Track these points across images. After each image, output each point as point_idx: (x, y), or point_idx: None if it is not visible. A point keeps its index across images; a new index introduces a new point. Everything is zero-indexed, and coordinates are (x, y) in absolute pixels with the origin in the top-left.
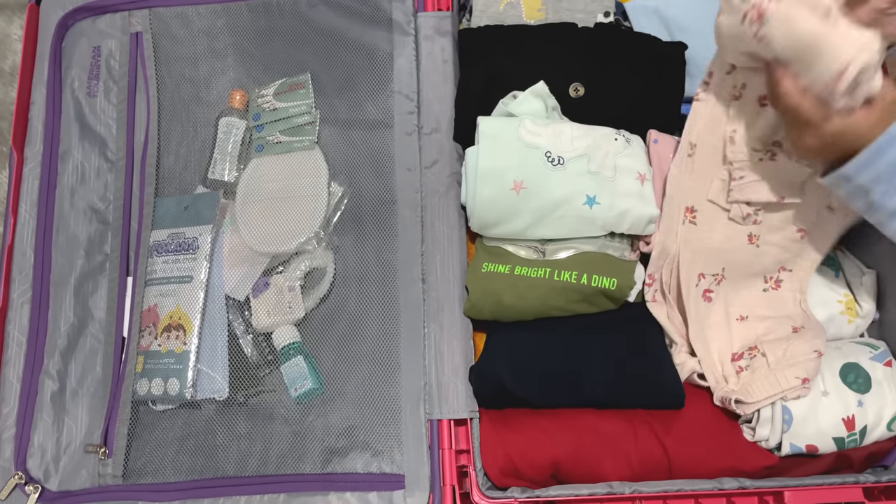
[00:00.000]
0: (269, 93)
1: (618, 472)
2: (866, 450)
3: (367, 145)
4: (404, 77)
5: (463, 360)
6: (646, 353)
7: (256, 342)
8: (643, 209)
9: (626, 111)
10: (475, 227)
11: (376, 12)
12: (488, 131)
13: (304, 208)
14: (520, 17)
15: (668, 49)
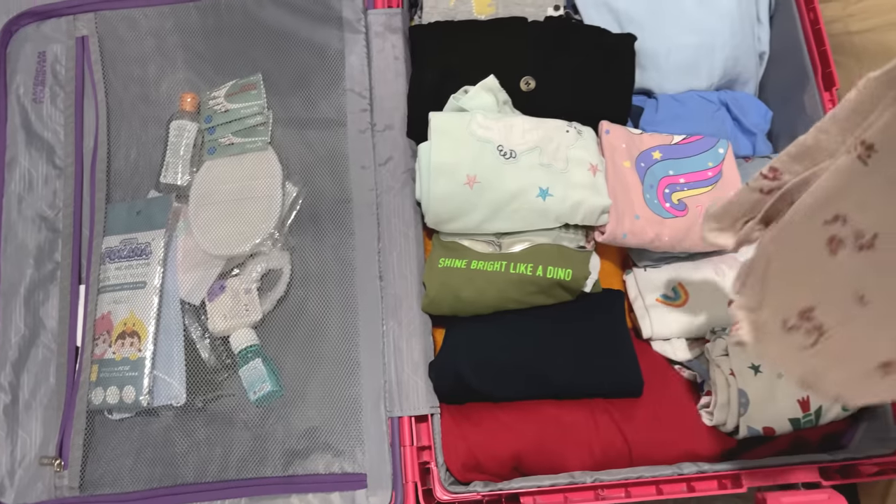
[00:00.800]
0: (221, 94)
1: (580, 461)
2: (822, 430)
3: (321, 144)
4: (356, 75)
5: (422, 356)
6: (604, 343)
7: (214, 346)
8: (596, 200)
9: (577, 103)
10: (431, 222)
11: (326, 10)
12: (440, 127)
13: (259, 210)
14: (470, 12)
15: (617, 41)
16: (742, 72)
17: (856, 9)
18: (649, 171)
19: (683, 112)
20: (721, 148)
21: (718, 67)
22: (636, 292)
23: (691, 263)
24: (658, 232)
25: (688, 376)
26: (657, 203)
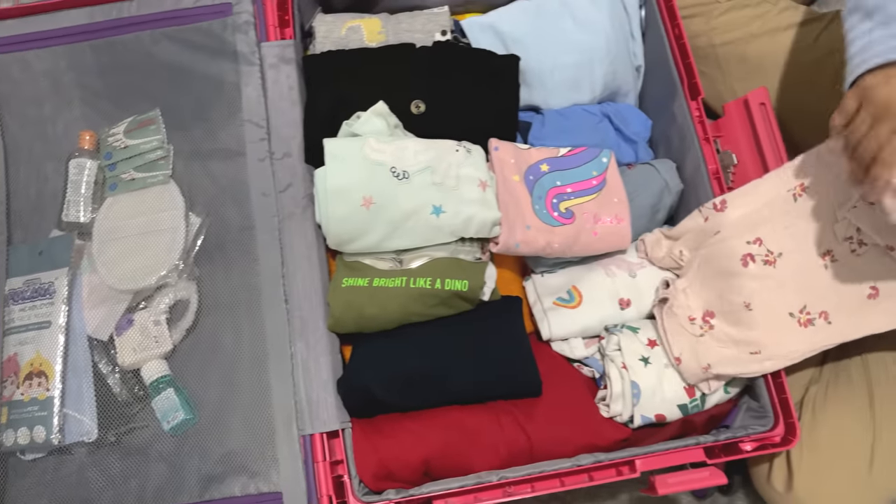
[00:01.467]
0: (120, 131)
1: (486, 462)
2: (708, 413)
3: (223, 174)
4: (253, 105)
5: (331, 374)
6: (503, 347)
7: (125, 380)
8: (486, 214)
9: (466, 123)
10: (332, 244)
11: (221, 44)
12: (334, 152)
13: (163, 242)
14: (361, 40)
15: (503, 61)
16: (621, 85)
17: (717, 23)
18: (538, 184)
19: (568, 125)
20: (604, 157)
21: (599, 82)
22: (535, 297)
23: (584, 267)
24: (549, 240)
25: (586, 373)
26: (546, 213)
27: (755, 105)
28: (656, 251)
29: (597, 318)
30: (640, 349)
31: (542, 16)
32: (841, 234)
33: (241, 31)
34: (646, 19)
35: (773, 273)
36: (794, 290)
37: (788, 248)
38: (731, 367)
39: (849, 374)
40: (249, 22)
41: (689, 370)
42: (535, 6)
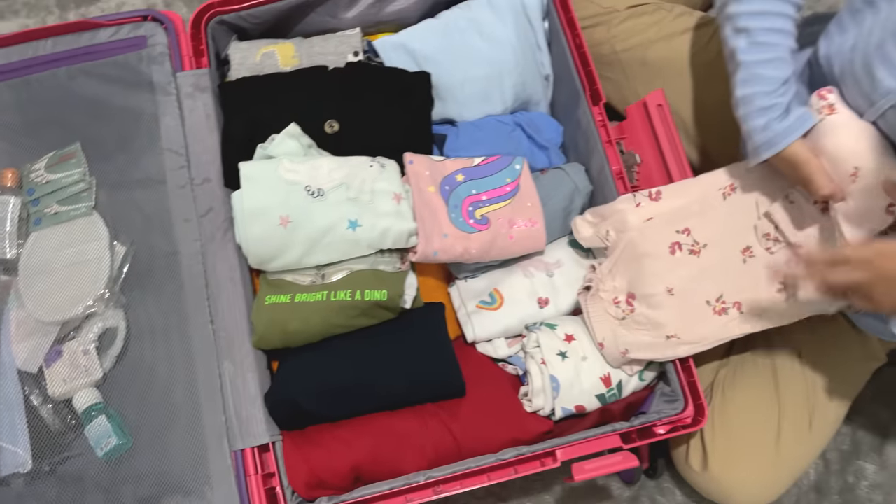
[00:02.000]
0: (41, 166)
1: (415, 464)
2: (626, 401)
3: (145, 202)
4: (172, 134)
5: (259, 390)
6: (426, 352)
7: (57, 410)
8: (402, 225)
9: (380, 139)
10: (254, 263)
11: (137, 76)
12: (249, 174)
13: (89, 272)
14: (276, 65)
15: (414, 78)
16: (532, 94)
17: (617, 31)
18: (454, 193)
19: (482, 136)
20: (517, 164)
21: (509, 93)
22: (459, 301)
23: (503, 270)
24: (466, 246)
25: (511, 371)
26: (462, 220)
27: (653, 107)
28: (583, 231)
29: (517, 318)
30: (558, 344)
31: (451, 33)
32: (760, 231)
33: (157, 62)
34: (550, 31)
35: (697, 262)
36: (713, 280)
37: (713, 240)
38: (647, 352)
39: (755, 359)
40: (164, 53)
41: (611, 354)
42: (443, 24)
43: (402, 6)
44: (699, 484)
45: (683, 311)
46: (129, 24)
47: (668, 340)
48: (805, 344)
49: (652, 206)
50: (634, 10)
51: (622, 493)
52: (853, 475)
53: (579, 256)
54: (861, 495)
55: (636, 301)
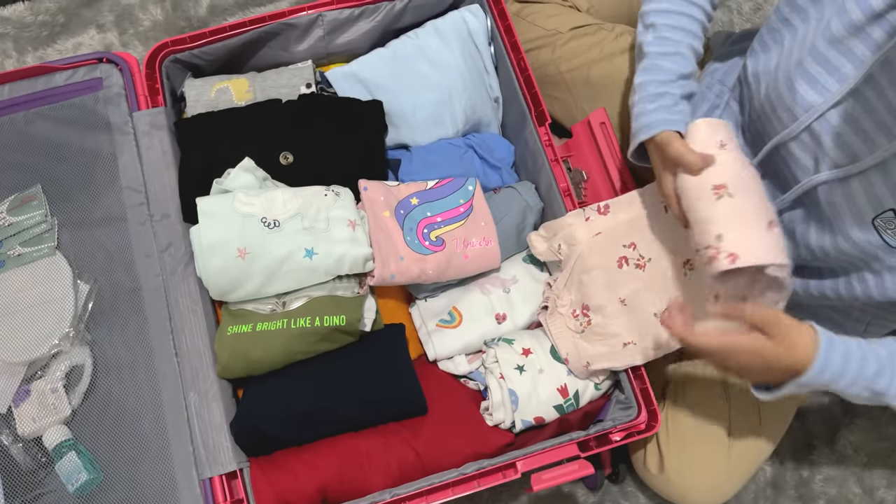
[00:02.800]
0: (3, 209)
1: (381, 482)
2: (583, 410)
3: (107, 239)
4: (130, 172)
5: (224, 418)
6: (387, 373)
7: (27, 449)
8: (357, 251)
9: (334, 168)
10: (215, 295)
11: (93, 118)
12: (206, 209)
13: (53, 312)
14: (231, 100)
15: (367, 107)
16: (482, 116)
17: (562, 52)
18: (408, 216)
19: (435, 159)
20: (470, 185)
21: (459, 116)
22: (420, 321)
23: (461, 288)
24: (422, 268)
25: (472, 386)
26: (417, 243)
27: (596, 124)
28: (537, 246)
29: (476, 335)
30: (515, 358)
31: (399, 61)
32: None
33: (113, 102)
34: (496, 54)
35: (642, 276)
36: (658, 292)
37: (657, 254)
38: (607, 362)
39: (704, 366)
40: (120, 94)
41: (576, 368)
42: (392, 52)
43: (351, 37)
44: (657, 486)
45: (636, 320)
46: (84, 67)
47: (626, 348)
48: None
49: (601, 220)
50: (577, 31)
51: (587, 499)
52: (808, 469)
53: (534, 271)
54: (816, 488)
55: (591, 312)
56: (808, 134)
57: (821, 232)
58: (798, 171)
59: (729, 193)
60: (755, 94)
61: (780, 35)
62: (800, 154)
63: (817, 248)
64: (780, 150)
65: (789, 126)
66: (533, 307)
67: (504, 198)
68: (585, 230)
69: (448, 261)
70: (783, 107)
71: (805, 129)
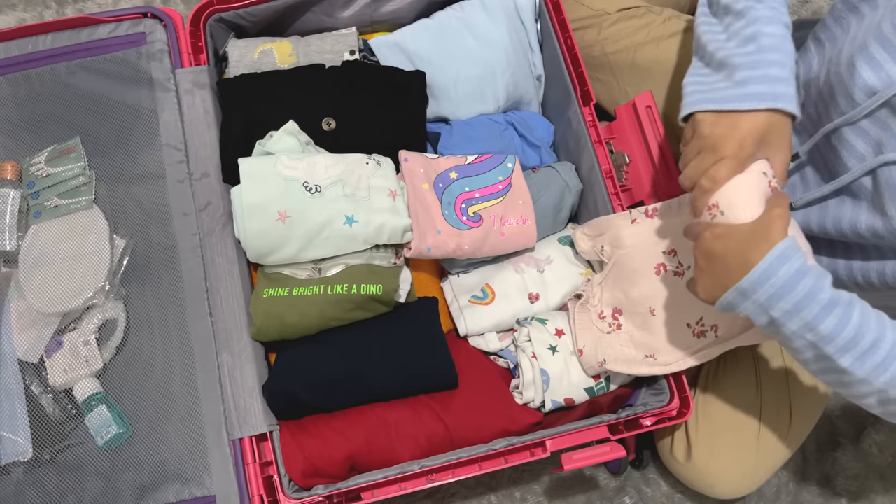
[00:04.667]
0: (41, 160)
1: (409, 453)
2: (613, 394)
3: (145, 196)
4: (170, 129)
5: (257, 381)
6: (420, 345)
7: (57, 399)
8: (397, 221)
9: (375, 137)
10: (252, 257)
11: (136, 73)
12: (248, 170)
13: (89, 265)
14: (273, 63)
15: (409, 77)
16: (524, 94)
17: (608, 33)
18: (447, 190)
19: (475, 134)
20: (509, 163)
21: (501, 92)
22: (452, 296)
23: (495, 266)
24: (458, 243)
25: (502, 364)
26: (455, 217)
27: (642, 108)
28: (582, 244)
29: (509, 313)
30: (549, 339)
31: (444, 33)
32: None
33: (156, 59)
34: (542, 32)
35: (680, 284)
36: (694, 302)
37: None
38: (624, 367)
39: (738, 355)
40: (164, 50)
41: (588, 362)
42: (437, 24)
43: (397, 6)
44: (682, 474)
45: (665, 331)
46: (128, 21)
47: (645, 359)
48: None
49: (647, 223)
50: (624, 13)
51: (609, 483)
52: (831, 465)
53: (569, 254)
54: (838, 484)
55: (622, 317)
56: (871, 121)
57: (872, 214)
58: (851, 158)
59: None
60: (814, 81)
61: (846, 22)
62: (855, 141)
63: (867, 231)
64: (832, 137)
65: (847, 112)
66: (566, 289)
67: (543, 177)
68: (631, 233)
69: (484, 237)
70: (843, 92)
71: (867, 116)
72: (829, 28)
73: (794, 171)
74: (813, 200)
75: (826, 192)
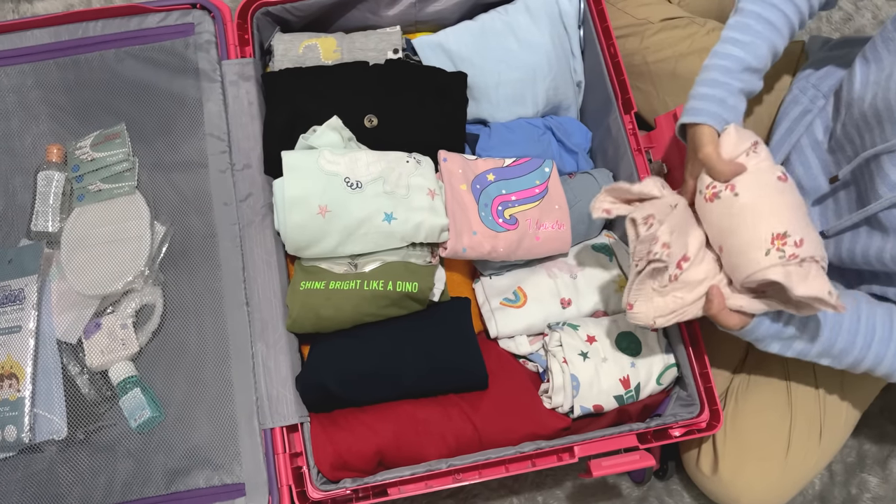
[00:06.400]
0: (87, 144)
1: (437, 451)
2: (642, 403)
3: (186, 185)
4: (214, 120)
5: (290, 371)
6: (452, 344)
7: (93, 381)
8: (435, 220)
9: (416, 136)
10: (290, 250)
11: (183, 62)
12: (291, 163)
13: (129, 250)
14: (318, 58)
15: (451, 78)
16: (563, 99)
17: (650, 42)
18: (484, 192)
19: (513, 137)
20: (547, 167)
21: (541, 97)
22: (483, 298)
23: (528, 269)
24: (493, 245)
25: (531, 368)
26: (491, 219)
27: None
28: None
29: (540, 317)
30: (580, 345)
31: (487, 35)
32: None
33: (203, 49)
34: (584, 38)
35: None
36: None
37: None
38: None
39: (769, 369)
40: (211, 41)
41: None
42: (480, 26)
43: (441, 7)
44: (708, 487)
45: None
46: (177, 11)
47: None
48: None
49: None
50: (668, 22)
51: (631, 492)
52: (857, 487)
53: (603, 260)
54: None
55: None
56: None
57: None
58: (883, 186)
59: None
60: (858, 102)
61: (894, 45)
62: (890, 170)
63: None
64: (871, 163)
65: (891, 140)
66: (599, 296)
67: (579, 183)
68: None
69: (520, 240)
70: (890, 119)
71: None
72: (877, 49)
73: (830, 194)
74: (843, 229)
75: (856, 221)
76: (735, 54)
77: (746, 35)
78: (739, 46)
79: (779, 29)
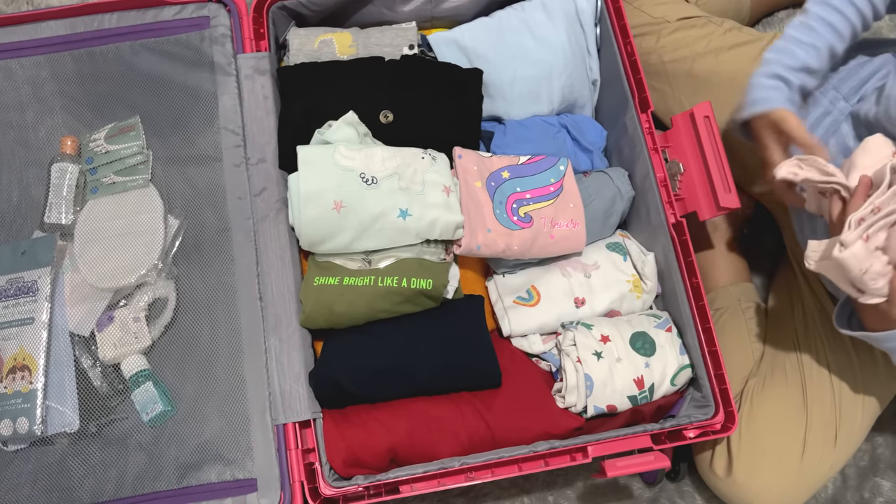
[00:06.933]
0: (101, 137)
1: (449, 449)
2: (656, 403)
3: (200, 178)
4: (229, 114)
5: (303, 367)
6: (465, 342)
7: (105, 374)
8: (450, 217)
9: (431, 132)
10: (305, 245)
11: (198, 56)
12: (307, 158)
13: (142, 243)
14: (333, 53)
15: (467, 75)
16: (578, 97)
17: (666, 41)
18: (499, 189)
19: (528, 135)
20: (562, 165)
21: (557, 94)
22: (496, 296)
23: (542, 268)
24: (508, 242)
25: (544, 367)
26: (506, 217)
27: (700, 118)
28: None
29: (554, 316)
30: (594, 344)
31: (503, 32)
32: None
33: (219, 43)
34: (601, 36)
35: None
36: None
37: None
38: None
39: (785, 372)
40: (226, 35)
41: (854, 265)
42: (497, 23)
43: (457, 3)
44: (721, 489)
45: None
46: (193, 4)
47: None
48: (834, 362)
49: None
50: (684, 22)
51: (643, 493)
52: (869, 491)
53: (617, 260)
54: None
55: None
56: None
57: None
58: None
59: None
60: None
61: None
62: None
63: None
64: None
65: None
66: (613, 295)
67: (594, 181)
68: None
69: (534, 238)
70: None
71: None
72: None
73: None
74: None
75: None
76: (797, 53)
77: (808, 36)
78: (801, 47)
79: (840, 32)
